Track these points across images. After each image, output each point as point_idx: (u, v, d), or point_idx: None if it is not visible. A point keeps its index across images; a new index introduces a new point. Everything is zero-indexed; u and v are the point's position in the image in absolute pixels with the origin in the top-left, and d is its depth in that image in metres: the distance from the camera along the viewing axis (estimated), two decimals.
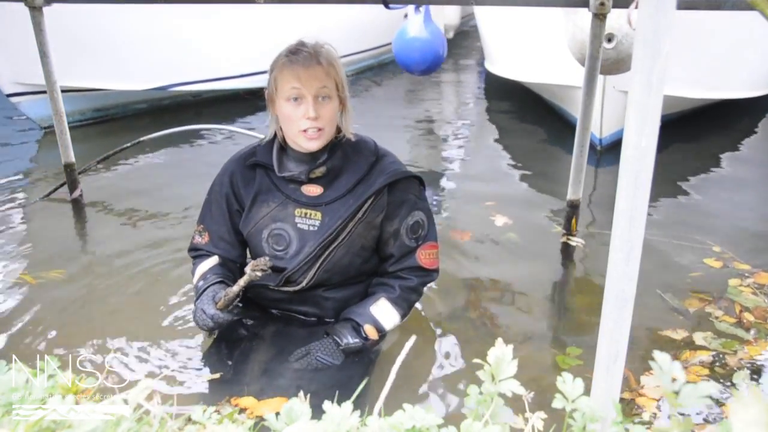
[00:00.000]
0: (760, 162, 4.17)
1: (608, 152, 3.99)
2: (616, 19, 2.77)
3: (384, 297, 1.78)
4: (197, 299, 1.72)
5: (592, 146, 4.10)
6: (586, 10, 2.89)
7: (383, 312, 1.76)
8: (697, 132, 4.41)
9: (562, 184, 3.55)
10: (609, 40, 2.86)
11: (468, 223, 2.91)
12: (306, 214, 1.73)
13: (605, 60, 2.94)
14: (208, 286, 1.73)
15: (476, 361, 0.85)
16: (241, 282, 1.66)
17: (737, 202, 3.29)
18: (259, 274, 1.64)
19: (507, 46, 4.92)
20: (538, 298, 2.25)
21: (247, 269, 1.65)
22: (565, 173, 3.77)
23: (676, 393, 0.63)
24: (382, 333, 1.75)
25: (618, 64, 2.91)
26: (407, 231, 1.79)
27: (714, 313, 2.09)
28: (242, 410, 1.49)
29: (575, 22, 2.98)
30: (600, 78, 3.60)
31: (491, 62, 5.47)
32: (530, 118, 5.04)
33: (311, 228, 1.72)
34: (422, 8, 3.67)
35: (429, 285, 1.95)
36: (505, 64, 5.07)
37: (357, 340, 1.71)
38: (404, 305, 1.80)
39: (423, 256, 1.82)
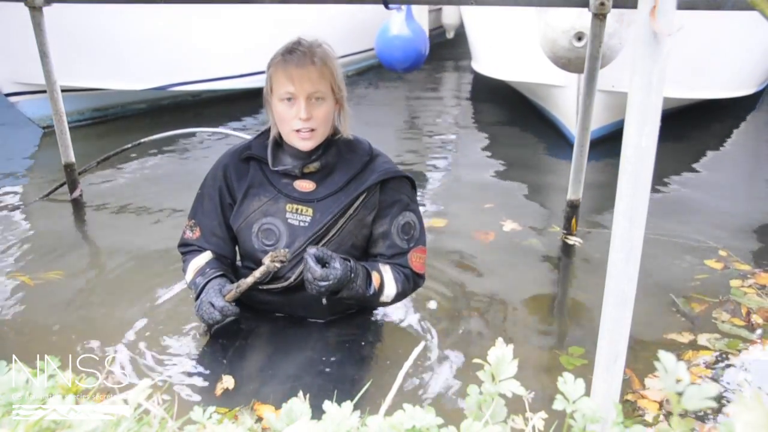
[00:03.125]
0: (743, 162, 4.19)
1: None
2: (587, 18, 2.79)
3: (389, 267, 1.78)
4: (201, 293, 1.71)
5: (566, 143, 4.14)
6: (556, 9, 2.92)
7: (388, 275, 1.76)
8: (680, 132, 4.41)
9: (548, 182, 3.59)
10: (579, 39, 2.87)
11: (472, 224, 2.91)
12: (297, 209, 1.72)
13: (576, 58, 2.95)
14: (210, 280, 1.72)
15: (477, 361, 0.85)
16: (257, 273, 1.63)
17: (726, 201, 3.30)
18: (278, 265, 1.62)
19: (489, 46, 4.97)
20: (538, 298, 2.25)
21: (266, 260, 1.63)
22: (549, 171, 3.82)
23: (680, 394, 0.63)
24: (381, 291, 1.73)
25: None
26: (398, 231, 1.78)
27: (721, 316, 2.08)
28: (259, 419, 1.48)
29: (546, 20, 2.99)
30: (575, 77, 3.65)
31: (476, 61, 5.50)
32: (515, 116, 5.07)
33: (302, 224, 1.72)
34: (404, 7, 3.67)
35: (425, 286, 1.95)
36: (488, 63, 5.13)
37: (365, 270, 1.70)
38: (399, 287, 1.78)
39: (414, 259, 1.81)
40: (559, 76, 3.58)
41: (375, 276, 1.72)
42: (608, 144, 3.90)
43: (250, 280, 1.64)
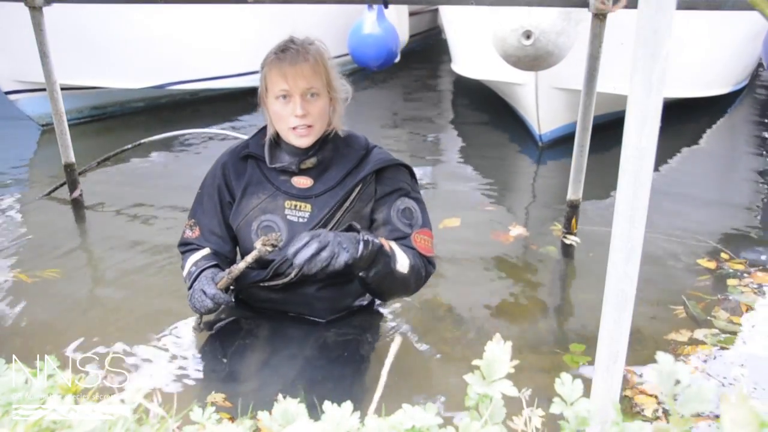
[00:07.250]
0: (719, 159, 4.25)
1: (550, 148, 4.04)
2: (535, 16, 2.80)
3: (394, 242, 1.66)
4: (193, 282, 1.69)
5: (533, 142, 4.16)
6: (510, 9, 2.94)
7: (395, 245, 1.64)
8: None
9: (527, 179, 3.65)
10: (527, 37, 2.88)
11: (476, 226, 2.90)
12: (296, 206, 1.72)
13: (524, 56, 2.97)
14: (203, 270, 1.71)
15: (477, 362, 0.84)
16: (249, 258, 1.61)
17: (707, 198, 3.32)
18: (269, 249, 1.59)
19: (463, 47, 5.01)
20: (539, 298, 2.25)
21: (257, 244, 1.60)
22: (522, 168, 3.89)
23: (678, 395, 0.63)
24: (394, 256, 1.60)
25: (537, 61, 2.93)
26: (398, 215, 1.72)
27: (720, 314, 2.10)
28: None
29: (497, 19, 3.01)
30: (533, 75, 3.65)
31: (455, 62, 5.53)
32: (493, 114, 5.11)
33: (301, 220, 1.71)
34: (375, 6, 3.69)
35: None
36: (462, 64, 5.16)
37: (377, 240, 1.55)
38: (411, 259, 1.64)
39: (418, 240, 1.72)
40: (520, 74, 3.60)
41: (384, 242, 1.59)
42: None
43: (241, 265, 1.62)
